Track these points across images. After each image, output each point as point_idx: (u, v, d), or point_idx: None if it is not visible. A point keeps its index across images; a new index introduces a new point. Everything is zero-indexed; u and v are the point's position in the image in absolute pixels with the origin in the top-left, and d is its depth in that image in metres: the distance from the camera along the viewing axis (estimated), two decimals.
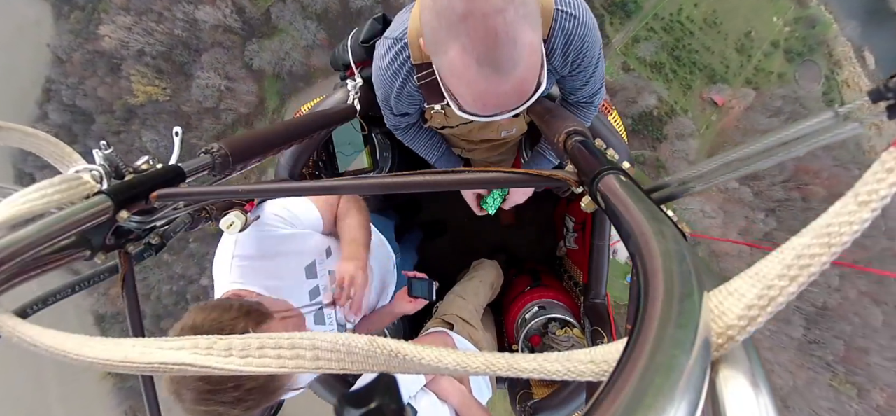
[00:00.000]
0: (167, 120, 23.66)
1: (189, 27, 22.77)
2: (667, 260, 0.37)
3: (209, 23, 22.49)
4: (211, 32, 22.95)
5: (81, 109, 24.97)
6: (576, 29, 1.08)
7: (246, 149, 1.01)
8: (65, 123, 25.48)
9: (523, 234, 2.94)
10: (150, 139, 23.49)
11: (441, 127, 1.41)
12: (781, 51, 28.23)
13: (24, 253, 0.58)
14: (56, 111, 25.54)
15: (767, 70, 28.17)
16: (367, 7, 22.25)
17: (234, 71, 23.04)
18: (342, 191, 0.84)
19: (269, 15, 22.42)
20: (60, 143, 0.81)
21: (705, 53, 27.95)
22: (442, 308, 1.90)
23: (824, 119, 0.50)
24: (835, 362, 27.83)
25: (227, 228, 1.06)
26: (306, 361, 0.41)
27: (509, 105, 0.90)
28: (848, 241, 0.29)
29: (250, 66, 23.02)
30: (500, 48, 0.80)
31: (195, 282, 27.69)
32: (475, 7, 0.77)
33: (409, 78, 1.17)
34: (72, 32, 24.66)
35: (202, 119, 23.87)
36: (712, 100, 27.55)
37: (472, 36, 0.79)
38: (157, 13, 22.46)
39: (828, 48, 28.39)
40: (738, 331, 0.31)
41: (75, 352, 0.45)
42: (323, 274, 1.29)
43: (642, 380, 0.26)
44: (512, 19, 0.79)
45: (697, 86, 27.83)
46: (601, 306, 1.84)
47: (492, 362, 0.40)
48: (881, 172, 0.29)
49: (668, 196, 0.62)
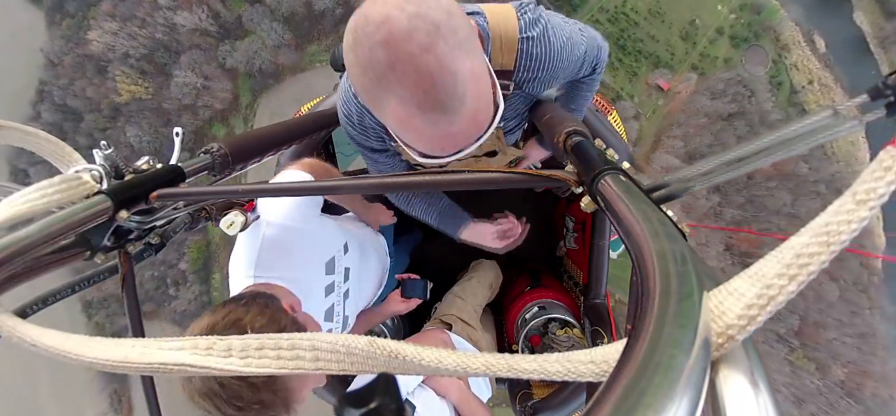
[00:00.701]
0: (150, 116, 26.03)
1: (169, 31, 25.16)
2: (667, 260, 0.37)
3: (187, 27, 24.87)
4: (188, 35, 25.27)
5: (71, 108, 27.29)
6: (544, 52, 1.02)
7: (246, 149, 1.01)
8: (56, 121, 27.48)
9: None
10: (133, 135, 25.96)
11: (416, 163, 1.30)
12: (726, 37, 29.08)
13: (24, 253, 0.58)
14: (48, 111, 27.55)
15: (713, 56, 29.04)
16: (329, 9, 23.93)
17: (209, 70, 25.39)
18: (342, 191, 0.84)
19: (241, 18, 24.61)
20: (60, 142, 0.81)
21: (650, 42, 28.78)
22: (441, 309, 1.90)
23: (823, 117, 0.50)
24: (789, 335, 28.31)
25: (227, 228, 1.06)
26: (306, 362, 0.41)
27: (469, 141, 0.80)
28: (846, 240, 0.29)
29: (224, 66, 25.36)
30: (438, 88, 0.69)
31: (174, 267, 28.61)
32: (399, 51, 0.67)
33: (366, 112, 1.08)
34: (63, 38, 26.89)
35: (181, 115, 26.11)
36: (658, 85, 28.42)
37: (404, 84, 0.69)
38: (140, 19, 25.02)
39: (775, 33, 29.10)
40: (737, 331, 0.31)
41: (75, 352, 0.45)
42: (340, 270, 1.29)
43: (642, 380, 0.26)
44: (443, 52, 0.68)
45: (643, 73, 28.67)
46: (601, 306, 1.85)
47: (491, 362, 0.40)
48: (879, 170, 0.29)
49: (667, 196, 0.62)
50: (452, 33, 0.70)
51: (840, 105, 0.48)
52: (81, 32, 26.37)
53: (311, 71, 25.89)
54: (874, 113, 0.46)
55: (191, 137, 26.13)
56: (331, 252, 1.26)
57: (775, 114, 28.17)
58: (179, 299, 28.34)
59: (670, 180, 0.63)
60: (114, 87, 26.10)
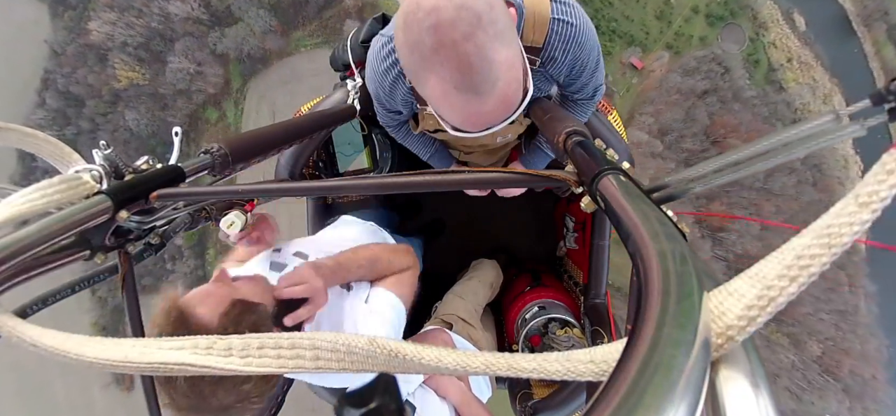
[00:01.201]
0: (147, 101, 28.41)
1: (163, 20, 27.37)
2: (667, 260, 0.37)
3: (180, 15, 27.04)
4: (182, 24, 27.37)
5: (74, 94, 29.64)
6: (573, 36, 1.08)
7: (246, 149, 1.01)
8: (60, 107, 29.79)
9: (523, 234, 2.94)
10: (132, 119, 28.27)
11: (434, 131, 1.40)
12: (702, 16, 29.03)
13: (24, 253, 0.58)
14: (52, 97, 29.73)
15: (688, 34, 29.00)
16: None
17: (202, 56, 27.55)
18: (342, 191, 0.84)
19: (230, 7, 26.64)
20: (59, 143, 0.81)
21: (625, 22, 28.72)
22: (441, 308, 1.90)
23: (824, 121, 0.50)
24: None
25: (227, 228, 1.06)
26: (306, 361, 0.41)
27: (497, 120, 0.91)
28: (848, 242, 0.29)
29: (215, 52, 27.52)
30: (475, 73, 0.80)
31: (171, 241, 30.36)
32: (444, 38, 0.78)
33: (401, 79, 1.16)
34: (66, 29, 29.11)
35: (176, 99, 28.33)
36: (632, 64, 28.50)
37: (446, 66, 0.80)
38: (137, 9, 27.37)
39: (752, 12, 29.04)
40: (737, 331, 0.31)
41: (75, 352, 0.45)
42: None
43: (642, 380, 0.26)
44: (482, 42, 0.79)
45: (617, 52, 28.66)
46: (601, 306, 1.85)
47: (491, 362, 0.40)
48: (882, 173, 0.29)
49: (668, 196, 0.62)
50: (492, 24, 0.80)
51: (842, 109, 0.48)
52: (82, 23, 28.34)
53: (296, 55, 27.25)
54: (876, 118, 0.46)
55: (185, 120, 28.18)
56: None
57: (750, 91, 28.10)
58: (176, 273, 29.53)
59: (671, 181, 0.63)
60: (113, 74, 28.17)
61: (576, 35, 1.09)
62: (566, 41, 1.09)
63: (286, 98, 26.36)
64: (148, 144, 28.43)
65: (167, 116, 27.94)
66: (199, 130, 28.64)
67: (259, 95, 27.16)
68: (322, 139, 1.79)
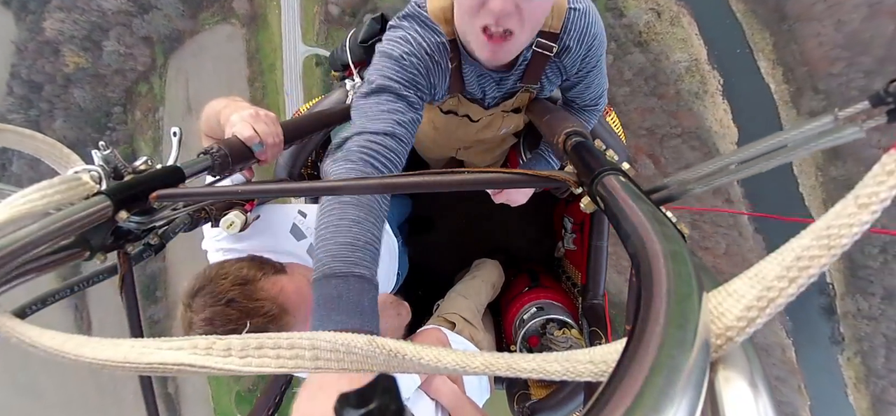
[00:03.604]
0: (91, 81, 36.16)
1: (100, 14, 34.87)
2: (666, 261, 0.37)
3: (112, 9, 34.62)
4: (114, 15, 34.87)
5: (35, 82, 37.33)
6: (588, 26, 1.11)
7: (245, 149, 1.01)
8: (24, 94, 37.60)
9: (522, 234, 2.94)
10: (80, 96, 36.07)
11: (447, 111, 1.40)
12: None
13: (23, 253, 0.58)
14: (18, 87, 37.56)
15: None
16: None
17: (131, 41, 34.88)
18: (342, 191, 0.84)
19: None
20: (58, 144, 0.81)
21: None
22: (443, 307, 1.90)
23: (824, 123, 0.50)
24: None
25: (227, 228, 1.06)
26: (305, 360, 0.41)
27: (512, 19, 0.94)
28: (847, 243, 0.29)
29: (141, 36, 34.75)
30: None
31: None
32: None
33: (444, 54, 1.14)
34: (27, 29, 36.43)
35: (114, 78, 35.93)
36: None
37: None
38: (80, 8, 34.77)
39: None
40: (737, 332, 0.31)
41: (74, 352, 0.45)
42: (310, 231, 1.32)
43: (641, 380, 0.26)
44: None
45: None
46: (599, 306, 1.85)
47: (491, 362, 0.40)
48: (881, 174, 0.29)
49: (667, 197, 0.62)
50: None
51: (841, 111, 0.48)
52: (39, 23, 35.62)
53: (204, 32, 33.13)
54: (875, 119, 0.46)
55: (123, 94, 35.61)
56: (289, 220, 1.30)
57: None
58: None
59: (670, 182, 0.63)
60: (64, 61, 35.89)
61: (590, 25, 1.11)
62: (582, 30, 1.11)
63: (196, 69, 32.94)
64: (93, 116, 35.82)
65: (107, 92, 35.90)
66: (134, 101, 35.69)
67: (177, 68, 33.61)
68: (321, 139, 1.79)
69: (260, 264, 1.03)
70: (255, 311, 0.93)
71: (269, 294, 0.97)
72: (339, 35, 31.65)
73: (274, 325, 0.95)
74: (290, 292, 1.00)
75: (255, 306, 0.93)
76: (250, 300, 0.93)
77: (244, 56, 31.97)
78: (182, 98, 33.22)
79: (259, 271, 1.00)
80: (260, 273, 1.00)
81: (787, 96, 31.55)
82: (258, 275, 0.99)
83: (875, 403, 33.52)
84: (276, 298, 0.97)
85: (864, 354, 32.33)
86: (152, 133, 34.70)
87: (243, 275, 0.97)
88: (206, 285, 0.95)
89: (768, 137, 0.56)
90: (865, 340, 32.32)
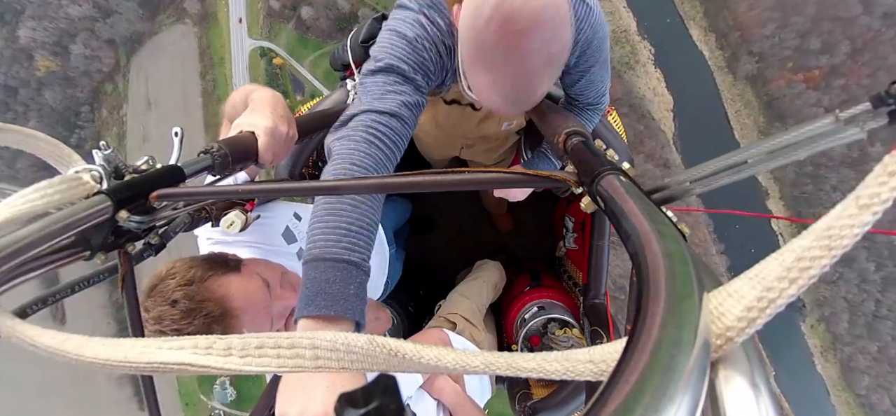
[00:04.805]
0: (61, 83, 39.19)
1: (68, 22, 37.93)
2: (666, 261, 0.37)
3: (78, 15, 37.87)
4: (80, 22, 37.99)
5: (11, 86, 40.70)
6: (588, 18, 1.09)
7: (245, 149, 1.00)
8: (2, 98, 40.65)
9: (523, 234, 2.94)
10: (51, 97, 39.20)
11: (451, 101, 1.42)
12: None
13: (23, 253, 0.58)
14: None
15: None
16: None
17: (95, 44, 38.02)
18: (342, 191, 0.84)
19: (109, 1, 36.98)
20: (59, 143, 0.81)
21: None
22: (445, 307, 1.90)
23: (825, 124, 0.50)
24: None
25: (227, 228, 1.06)
26: (306, 360, 0.41)
27: (518, 113, 0.99)
28: (849, 244, 0.29)
29: (105, 39, 37.76)
30: (525, 97, 0.90)
31: None
32: (516, 63, 0.83)
33: (454, 38, 1.08)
34: (3, 39, 39.46)
35: (82, 79, 38.85)
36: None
37: (505, 80, 0.86)
38: (50, 16, 37.89)
39: None
40: (737, 332, 0.31)
41: (74, 352, 0.45)
42: (302, 236, 1.33)
43: (642, 380, 0.26)
44: (542, 78, 0.87)
45: None
46: (600, 306, 1.84)
47: (491, 361, 0.40)
48: (883, 175, 0.29)
49: (667, 197, 0.62)
50: (559, 62, 0.89)
51: (842, 113, 0.48)
52: (14, 33, 38.92)
53: (161, 33, 36.03)
54: (876, 120, 0.46)
55: (90, 94, 38.62)
56: (283, 222, 1.31)
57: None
58: None
59: (671, 183, 0.63)
60: (36, 66, 39.31)
61: (591, 18, 1.09)
62: (581, 21, 1.08)
63: (155, 67, 35.62)
64: (64, 115, 38.61)
65: (76, 92, 38.99)
66: (100, 100, 38.51)
67: (137, 67, 36.43)
68: (321, 139, 1.79)
69: (211, 264, 1.03)
70: (196, 311, 0.93)
71: (213, 295, 0.97)
72: (281, 28, 33.70)
73: (218, 325, 0.95)
74: (237, 293, 1.00)
75: (196, 306, 0.93)
76: (192, 301, 0.94)
77: (197, 52, 35.68)
78: (143, 95, 36.19)
79: (208, 270, 1.00)
80: (208, 273, 1.00)
81: (722, 62, 32.35)
82: (206, 275, 0.99)
83: (845, 371, 33.75)
84: (220, 299, 0.97)
85: (826, 320, 32.60)
86: (117, 129, 37.07)
87: (190, 276, 0.97)
88: (157, 284, 0.96)
89: (768, 139, 0.56)
90: (826, 305, 32.52)
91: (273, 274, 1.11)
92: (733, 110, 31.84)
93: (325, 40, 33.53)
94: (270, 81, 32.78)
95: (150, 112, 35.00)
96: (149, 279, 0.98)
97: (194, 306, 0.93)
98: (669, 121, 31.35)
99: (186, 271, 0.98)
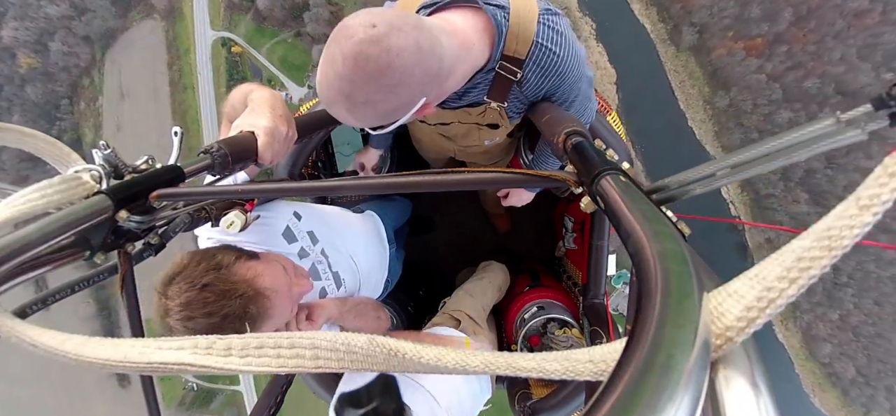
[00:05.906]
0: (42, 78, 41.25)
1: (47, 21, 39.96)
2: (667, 261, 0.37)
3: (56, 14, 39.79)
4: (58, 20, 39.87)
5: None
6: (553, 65, 1.06)
7: (245, 149, 1.00)
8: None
9: (523, 234, 2.94)
10: (32, 92, 41.08)
11: (436, 123, 1.39)
12: None
13: (23, 253, 0.58)
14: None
15: None
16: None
17: (73, 41, 39.77)
18: (342, 191, 0.84)
19: (85, 1, 39.17)
20: (59, 143, 0.81)
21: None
22: (450, 304, 1.90)
23: (825, 126, 0.50)
24: None
25: (227, 228, 1.06)
26: (306, 360, 0.41)
27: (350, 120, 0.92)
28: (848, 245, 0.29)
29: (81, 36, 39.51)
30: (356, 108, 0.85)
31: None
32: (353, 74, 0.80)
33: None
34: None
35: (61, 75, 40.71)
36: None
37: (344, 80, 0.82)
38: (31, 17, 39.90)
39: None
40: (737, 332, 0.31)
41: (74, 352, 0.45)
42: (302, 235, 1.33)
43: (642, 380, 0.26)
44: (378, 98, 0.83)
45: None
46: (600, 306, 1.85)
47: (491, 360, 0.40)
48: (884, 176, 0.29)
49: (667, 197, 0.62)
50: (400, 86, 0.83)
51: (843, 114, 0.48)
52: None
53: (132, 28, 38.03)
54: (877, 122, 0.46)
55: (69, 88, 40.40)
56: (283, 222, 1.30)
57: None
58: None
59: (670, 183, 0.63)
60: (19, 63, 41.28)
61: (556, 64, 1.06)
62: (545, 68, 1.06)
63: (127, 60, 37.43)
64: (44, 109, 40.52)
65: (55, 87, 40.88)
66: (78, 94, 40.10)
67: (111, 61, 38.32)
68: (321, 139, 1.79)
69: (233, 251, 1.04)
70: (230, 292, 0.93)
71: (243, 277, 0.98)
72: (240, 19, 35.24)
73: (252, 305, 0.95)
74: (266, 275, 1.01)
75: (230, 288, 0.94)
76: (225, 283, 0.94)
77: (164, 44, 36.84)
78: (117, 86, 37.61)
79: (234, 256, 1.02)
80: (233, 258, 1.01)
81: (664, 34, 32.52)
82: (232, 260, 1.00)
83: (806, 339, 33.76)
84: (252, 280, 0.98)
85: None
86: (94, 120, 38.68)
87: (217, 261, 0.98)
88: (180, 271, 0.95)
89: (768, 139, 0.56)
90: None
91: (286, 262, 1.14)
92: (677, 81, 32.05)
93: (280, 29, 35.24)
94: (230, 68, 35.16)
95: (124, 103, 36.96)
96: (168, 269, 0.98)
97: (228, 287, 0.94)
98: (613, 94, 31.46)
99: (212, 257, 0.98)
